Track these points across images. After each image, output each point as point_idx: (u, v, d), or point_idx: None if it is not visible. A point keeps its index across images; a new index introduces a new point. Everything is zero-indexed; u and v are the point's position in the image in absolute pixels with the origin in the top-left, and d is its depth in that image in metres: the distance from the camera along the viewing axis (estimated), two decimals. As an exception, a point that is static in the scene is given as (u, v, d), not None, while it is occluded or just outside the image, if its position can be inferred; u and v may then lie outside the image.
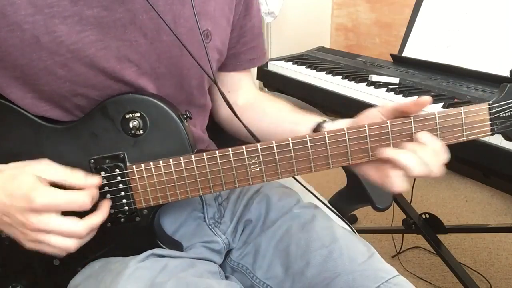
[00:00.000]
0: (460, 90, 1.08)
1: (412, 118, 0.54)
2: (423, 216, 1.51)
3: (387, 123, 0.54)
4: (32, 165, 0.54)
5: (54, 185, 0.53)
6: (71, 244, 0.53)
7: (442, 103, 1.00)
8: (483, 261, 1.64)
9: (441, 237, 1.48)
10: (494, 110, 0.55)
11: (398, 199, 1.49)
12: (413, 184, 1.60)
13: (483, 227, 1.74)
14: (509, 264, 1.63)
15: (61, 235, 0.52)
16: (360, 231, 0.95)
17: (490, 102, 0.55)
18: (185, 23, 0.60)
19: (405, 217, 1.53)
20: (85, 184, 0.54)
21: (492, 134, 0.56)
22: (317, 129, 0.64)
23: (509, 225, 1.81)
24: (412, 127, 0.54)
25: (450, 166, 0.55)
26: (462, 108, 0.55)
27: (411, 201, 1.56)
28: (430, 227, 1.49)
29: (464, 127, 0.55)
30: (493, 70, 1.10)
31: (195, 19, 0.59)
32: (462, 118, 0.55)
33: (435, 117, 0.54)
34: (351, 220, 1.46)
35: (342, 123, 0.62)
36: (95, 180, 0.56)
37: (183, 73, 0.63)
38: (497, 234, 1.77)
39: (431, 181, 2.21)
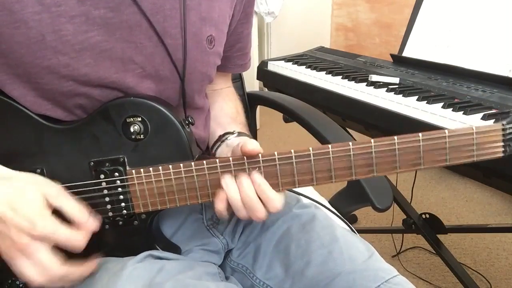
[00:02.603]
0: (460, 90, 1.08)
1: (421, 135, 0.52)
2: (423, 216, 1.51)
3: (394, 139, 0.53)
4: (43, 185, 0.54)
5: (57, 212, 0.52)
6: (37, 279, 0.51)
7: (442, 103, 1.00)
8: (483, 261, 1.65)
9: (441, 237, 1.48)
10: (508, 131, 0.53)
11: (398, 199, 1.49)
12: (413, 184, 1.60)
13: (483, 227, 1.74)
14: (509, 264, 1.63)
15: (37, 268, 0.51)
16: (360, 231, 0.95)
17: (504, 122, 0.53)
18: (190, 28, 0.60)
19: (405, 217, 1.53)
20: (85, 225, 0.53)
21: (504, 156, 0.54)
22: (220, 138, 0.71)
23: (509, 225, 1.81)
24: (420, 145, 0.53)
25: (450, 166, 0.55)
26: (474, 127, 0.52)
27: (411, 201, 1.56)
28: (430, 227, 1.49)
29: (475, 148, 0.53)
30: (493, 70, 1.10)
31: (183, 24, 0.59)
32: (473, 138, 0.52)
33: (445, 136, 0.52)
34: (351, 220, 1.46)
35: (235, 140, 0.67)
36: (95, 224, 0.55)
37: (186, 77, 0.63)
38: (497, 234, 1.77)
39: (431, 181, 2.21)
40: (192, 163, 0.55)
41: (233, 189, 0.54)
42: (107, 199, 0.58)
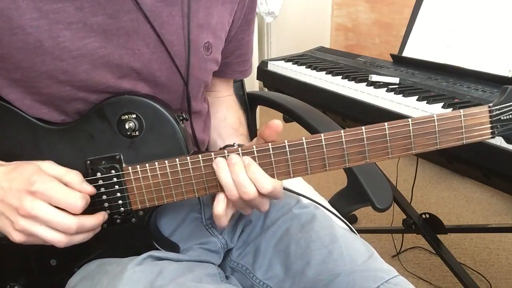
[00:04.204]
0: (460, 90, 1.08)
1: (410, 120, 0.53)
2: (423, 216, 1.51)
3: (385, 125, 0.54)
4: (36, 162, 0.55)
5: None
6: (60, 239, 0.52)
7: (442, 103, 1.00)
8: (483, 261, 1.64)
9: (441, 237, 1.48)
10: (494, 113, 0.54)
11: (398, 199, 1.49)
12: (413, 184, 1.60)
13: (483, 227, 1.74)
14: (509, 264, 1.63)
15: (51, 227, 0.51)
16: (360, 231, 0.95)
17: (491, 104, 0.54)
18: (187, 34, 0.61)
19: (405, 217, 1.53)
20: (81, 187, 0.54)
21: (492, 137, 0.55)
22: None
23: (509, 225, 1.81)
24: (410, 130, 0.54)
25: (450, 166, 0.55)
26: (461, 110, 0.54)
27: (411, 201, 1.56)
28: (430, 227, 1.49)
29: (463, 130, 0.54)
30: (493, 70, 1.10)
31: (187, 30, 0.60)
32: (461, 120, 0.54)
33: (434, 119, 0.54)
34: (351, 220, 1.46)
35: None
36: (90, 188, 0.55)
37: (183, 83, 0.63)
38: (497, 234, 1.77)
39: (431, 181, 2.21)
40: (188, 157, 0.56)
41: (225, 170, 0.54)
42: (104, 197, 0.58)
